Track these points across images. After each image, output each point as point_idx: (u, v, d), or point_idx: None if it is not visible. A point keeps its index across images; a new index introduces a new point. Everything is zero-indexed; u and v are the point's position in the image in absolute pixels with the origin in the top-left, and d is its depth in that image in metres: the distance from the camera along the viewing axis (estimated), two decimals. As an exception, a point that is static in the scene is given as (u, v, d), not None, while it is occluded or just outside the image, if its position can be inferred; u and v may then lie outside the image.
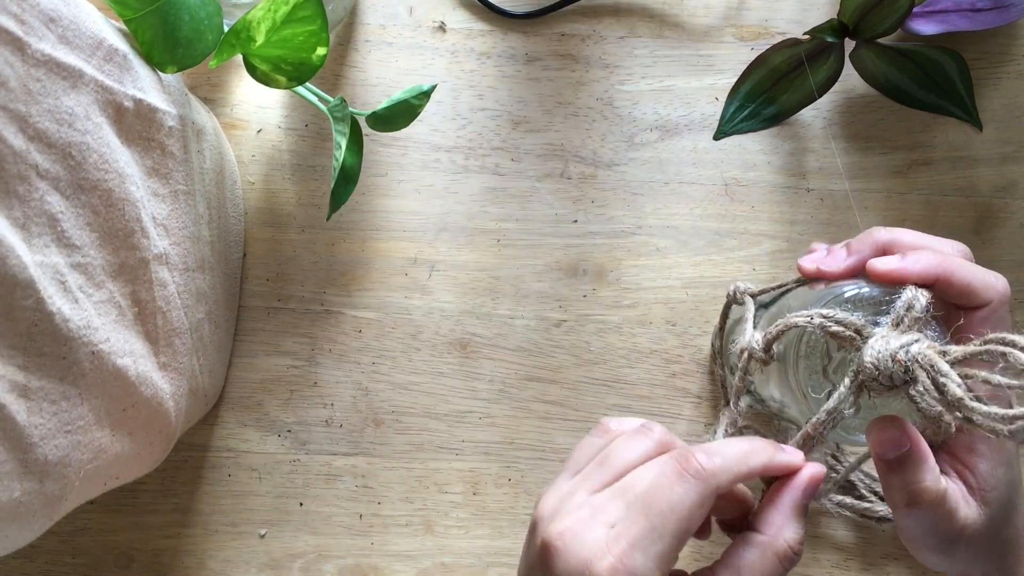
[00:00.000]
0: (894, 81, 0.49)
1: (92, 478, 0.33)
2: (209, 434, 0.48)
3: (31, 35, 0.28)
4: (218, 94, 0.50)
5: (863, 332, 0.29)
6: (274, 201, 0.50)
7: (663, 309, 0.48)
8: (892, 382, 0.27)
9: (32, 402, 0.28)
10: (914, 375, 0.27)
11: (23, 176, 0.28)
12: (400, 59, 0.50)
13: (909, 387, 0.27)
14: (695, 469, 0.27)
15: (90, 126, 0.31)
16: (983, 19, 0.47)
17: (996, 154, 0.48)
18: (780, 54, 0.48)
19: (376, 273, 0.49)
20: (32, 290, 0.27)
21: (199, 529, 0.47)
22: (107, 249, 0.33)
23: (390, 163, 0.49)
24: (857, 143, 0.49)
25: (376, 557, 0.47)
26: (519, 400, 0.48)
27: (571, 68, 0.50)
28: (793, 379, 0.33)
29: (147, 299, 0.36)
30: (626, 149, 0.49)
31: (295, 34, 0.38)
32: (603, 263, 0.49)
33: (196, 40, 0.37)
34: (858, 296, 0.32)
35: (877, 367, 0.27)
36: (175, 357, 0.38)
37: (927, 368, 0.26)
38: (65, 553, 0.47)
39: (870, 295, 0.31)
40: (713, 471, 0.27)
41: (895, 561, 0.47)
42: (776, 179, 0.49)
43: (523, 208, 0.49)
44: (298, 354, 0.48)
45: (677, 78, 0.50)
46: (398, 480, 0.48)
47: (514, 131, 0.50)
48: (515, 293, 0.49)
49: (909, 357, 0.27)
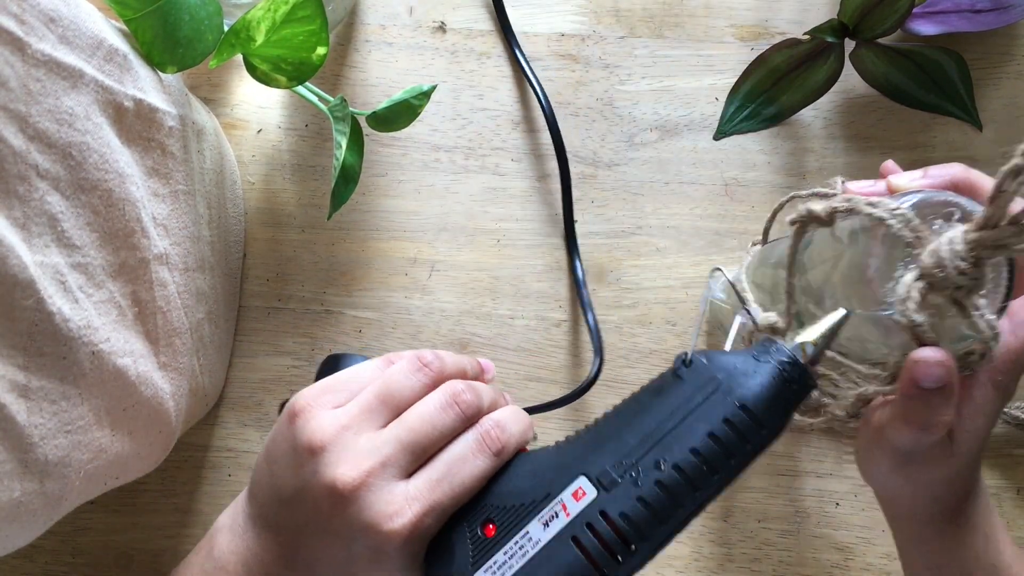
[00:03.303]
0: (894, 81, 0.49)
1: (92, 478, 0.33)
2: (209, 434, 0.48)
3: (31, 35, 0.28)
4: (218, 94, 0.50)
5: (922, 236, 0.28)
6: (274, 201, 0.50)
7: (663, 309, 0.48)
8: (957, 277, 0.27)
9: (32, 402, 0.28)
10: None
11: (23, 176, 0.28)
12: (400, 59, 0.50)
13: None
14: (496, 448, 0.30)
15: (90, 126, 0.31)
16: (983, 20, 0.47)
17: (996, 154, 0.48)
18: (780, 54, 0.48)
19: (376, 273, 0.49)
20: (32, 290, 0.27)
21: (199, 529, 0.47)
22: (107, 249, 0.33)
23: (390, 163, 0.49)
24: (857, 143, 0.49)
25: (376, 557, 0.47)
26: (519, 400, 0.48)
27: (571, 68, 0.50)
28: (866, 261, 0.31)
29: (147, 299, 0.36)
30: (626, 149, 0.49)
31: (295, 34, 0.38)
32: (603, 263, 0.49)
33: (196, 40, 0.37)
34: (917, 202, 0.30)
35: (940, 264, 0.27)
36: (175, 357, 0.38)
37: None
38: (65, 553, 0.47)
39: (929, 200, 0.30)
40: (506, 447, 0.31)
41: (895, 561, 0.47)
42: (776, 179, 0.49)
43: (523, 208, 0.49)
44: (298, 354, 0.48)
45: (677, 78, 0.50)
46: (398, 480, 0.48)
47: (514, 131, 0.50)
48: (515, 293, 0.49)
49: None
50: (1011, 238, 0.26)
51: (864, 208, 0.30)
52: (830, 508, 0.47)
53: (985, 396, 0.31)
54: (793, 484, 0.47)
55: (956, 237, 0.27)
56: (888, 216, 0.29)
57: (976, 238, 0.27)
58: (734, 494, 0.47)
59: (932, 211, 0.30)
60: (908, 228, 0.29)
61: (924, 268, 0.28)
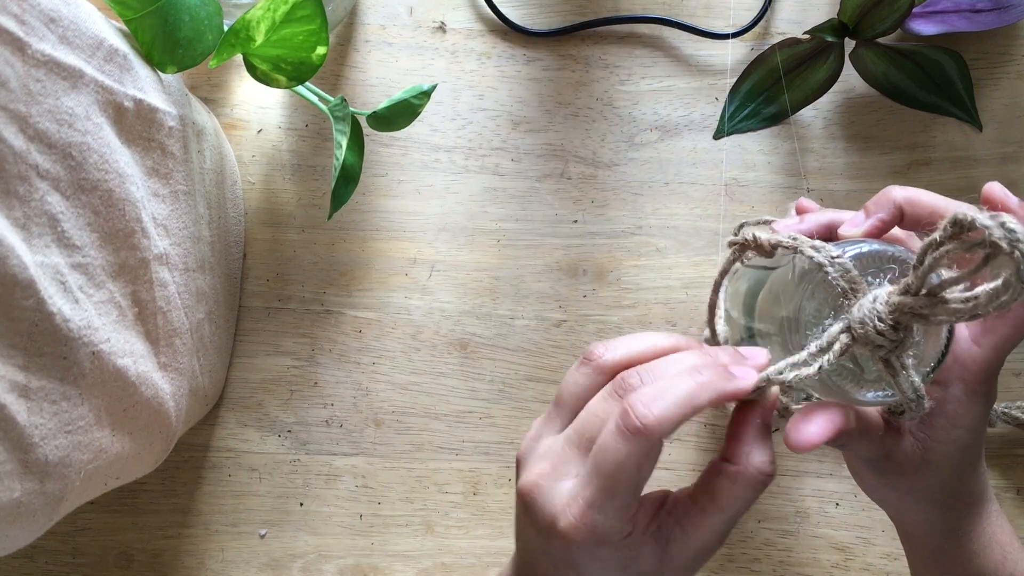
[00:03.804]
0: (894, 81, 0.49)
1: (92, 478, 0.33)
2: (209, 434, 0.48)
3: (31, 35, 0.28)
4: (218, 94, 0.50)
5: (859, 289, 0.28)
6: (274, 201, 0.50)
7: (663, 309, 0.48)
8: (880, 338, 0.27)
9: (32, 402, 0.28)
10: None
11: (23, 176, 0.28)
12: (400, 59, 0.50)
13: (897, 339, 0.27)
14: (635, 427, 0.27)
15: (90, 126, 0.31)
16: (983, 20, 0.47)
17: (996, 154, 0.48)
18: (780, 54, 0.48)
19: (376, 273, 0.49)
20: (32, 290, 0.27)
21: (199, 529, 0.47)
22: (107, 249, 0.33)
23: (390, 163, 0.49)
24: (857, 143, 0.49)
25: (376, 557, 0.47)
26: (519, 400, 0.48)
27: (571, 68, 0.50)
28: (801, 301, 0.31)
29: (147, 299, 0.36)
30: (626, 149, 0.49)
31: (294, 33, 0.38)
32: (603, 263, 0.49)
33: (196, 40, 0.37)
34: (861, 255, 0.30)
35: (864, 323, 0.27)
36: (175, 357, 0.38)
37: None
38: (65, 553, 0.47)
39: (874, 252, 0.30)
40: (654, 424, 0.27)
41: (895, 561, 0.47)
42: (776, 179, 0.49)
43: (523, 208, 0.49)
44: (298, 354, 0.48)
45: (677, 78, 0.50)
46: (398, 480, 0.48)
47: (514, 131, 0.50)
48: (515, 293, 0.49)
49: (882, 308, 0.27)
50: (926, 309, 0.26)
51: (806, 250, 0.30)
52: (830, 508, 0.47)
53: (958, 408, 0.31)
54: (793, 484, 0.47)
55: (881, 297, 0.28)
56: (827, 263, 0.29)
57: (897, 303, 0.27)
58: (734, 494, 0.47)
59: (875, 264, 0.30)
60: (844, 278, 0.29)
61: (851, 321, 0.28)
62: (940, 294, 0.26)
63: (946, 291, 0.26)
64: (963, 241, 0.24)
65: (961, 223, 0.24)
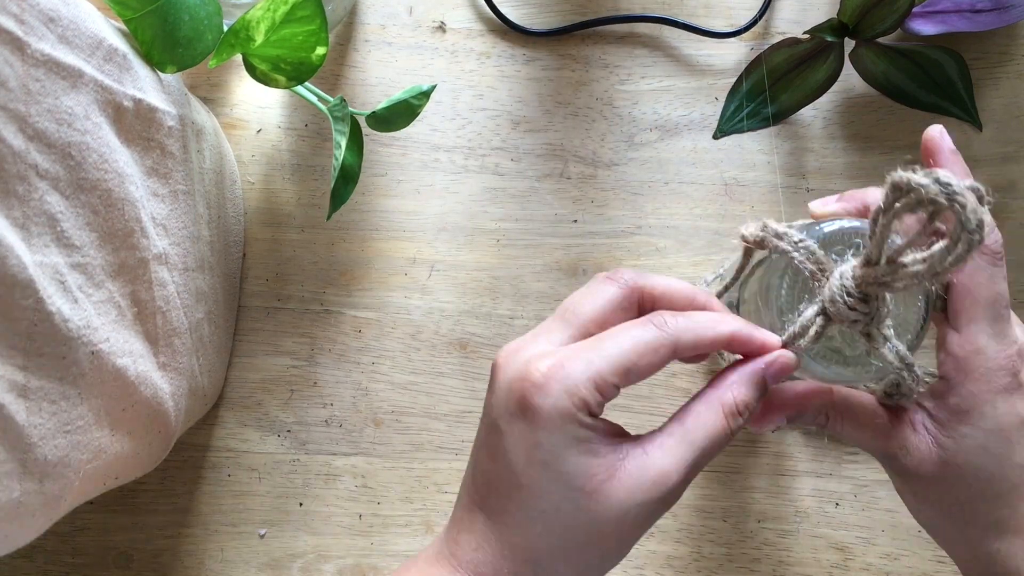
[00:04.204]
0: (894, 81, 0.49)
1: (92, 478, 0.33)
2: (209, 434, 0.48)
3: (31, 35, 0.28)
4: (218, 94, 0.50)
5: (825, 269, 0.29)
6: (274, 201, 0.50)
7: (663, 309, 0.48)
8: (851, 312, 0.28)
9: (32, 402, 0.28)
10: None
11: (23, 176, 0.28)
12: (400, 59, 0.50)
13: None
14: (660, 321, 0.28)
15: (90, 126, 0.31)
16: (982, 20, 0.47)
17: (996, 154, 0.48)
18: (780, 54, 0.48)
19: (376, 273, 0.49)
20: (32, 290, 0.27)
21: (199, 529, 0.47)
22: (107, 249, 0.33)
23: (390, 163, 0.49)
24: (857, 143, 0.49)
25: (376, 557, 0.47)
26: (519, 400, 0.48)
27: (571, 68, 0.50)
28: (775, 288, 0.32)
29: (147, 299, 0.36)
30: (626, 149, 0.49)
31: (294, 33, 0.38)
32: (603, 263, 0.49)
33: (196, 40, 0.37)
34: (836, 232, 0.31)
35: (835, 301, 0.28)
36: (175, 357, 0.38)
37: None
38: (65, 553, 0.47)
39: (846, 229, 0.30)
40: (678, 329, 0.27)
41: (895, 561, 0.47)
42: (776, 179, 0.49)
43: (523, 208, 0.49)
44: (298, 354, 0.48)
45: (677, 78, 0.50)
46: (398, 480, 0.48)
47: (514, 131, 0.50)
48: (515, 293, 0.49)
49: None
50: (888, 276, 0.26)
51: (772, 240, 0.30)
52: (830, 508, 0.47)
53: (966, 402, 0.29)
54: (793, 484, 0.47)
55: (846, 272, 0.28)
56: (791, 249, 0.29)
57: (861, 275, 0.27)
58: (734, 494, 0.47)
59: (841, 241, 0.30)
60: (811, 261, 0.29)
61: (824, 301, 0.28)
62: (898, 259, 0.26)
63: (904, 255, 0.26)
64: (908, 203, 0.24)
65: (899, 185, 0.24)
